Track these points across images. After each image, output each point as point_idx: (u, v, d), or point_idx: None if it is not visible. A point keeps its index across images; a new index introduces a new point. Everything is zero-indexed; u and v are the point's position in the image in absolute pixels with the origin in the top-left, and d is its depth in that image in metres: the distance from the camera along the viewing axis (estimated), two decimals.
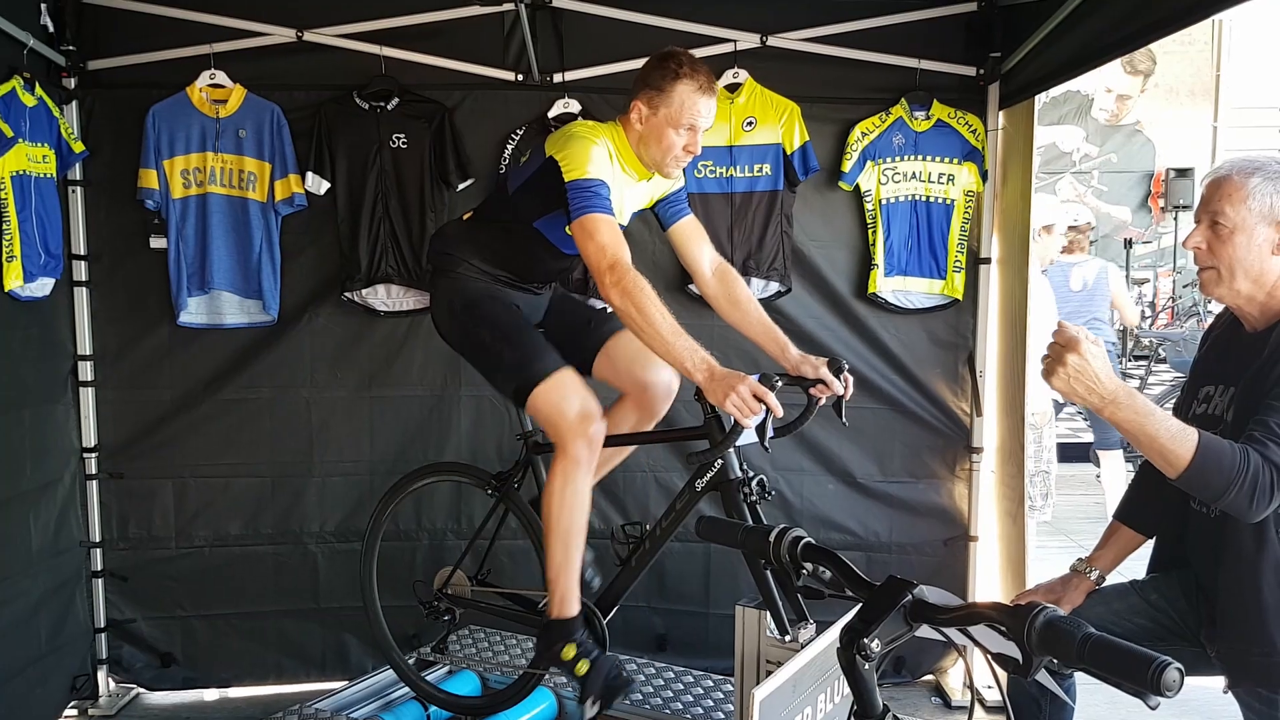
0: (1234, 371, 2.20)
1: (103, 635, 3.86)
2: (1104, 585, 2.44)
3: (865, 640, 1.23)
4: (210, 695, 4.02)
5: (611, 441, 2.97)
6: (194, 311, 3.73)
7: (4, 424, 3.31)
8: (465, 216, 2.97)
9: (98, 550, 3.83)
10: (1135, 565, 2.53)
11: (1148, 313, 13.09)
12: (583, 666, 2.69)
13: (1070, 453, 7.53)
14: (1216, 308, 2.43)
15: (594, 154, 2.58)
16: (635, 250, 2.88)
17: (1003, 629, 1.18)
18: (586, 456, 2.67)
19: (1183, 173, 12.53)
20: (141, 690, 3.98)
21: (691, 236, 2.94)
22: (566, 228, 2.61)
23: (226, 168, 3.66)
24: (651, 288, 2.49)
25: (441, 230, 3.10)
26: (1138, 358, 11.85)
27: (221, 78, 3.62)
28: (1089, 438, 8.13)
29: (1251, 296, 2.16)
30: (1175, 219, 12.72)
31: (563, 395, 2.65)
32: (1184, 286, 13.04)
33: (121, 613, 3.89)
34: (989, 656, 1.22)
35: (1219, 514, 2.17)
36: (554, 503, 2.69)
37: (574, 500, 2.69)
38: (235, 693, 4.02)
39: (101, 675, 3.88)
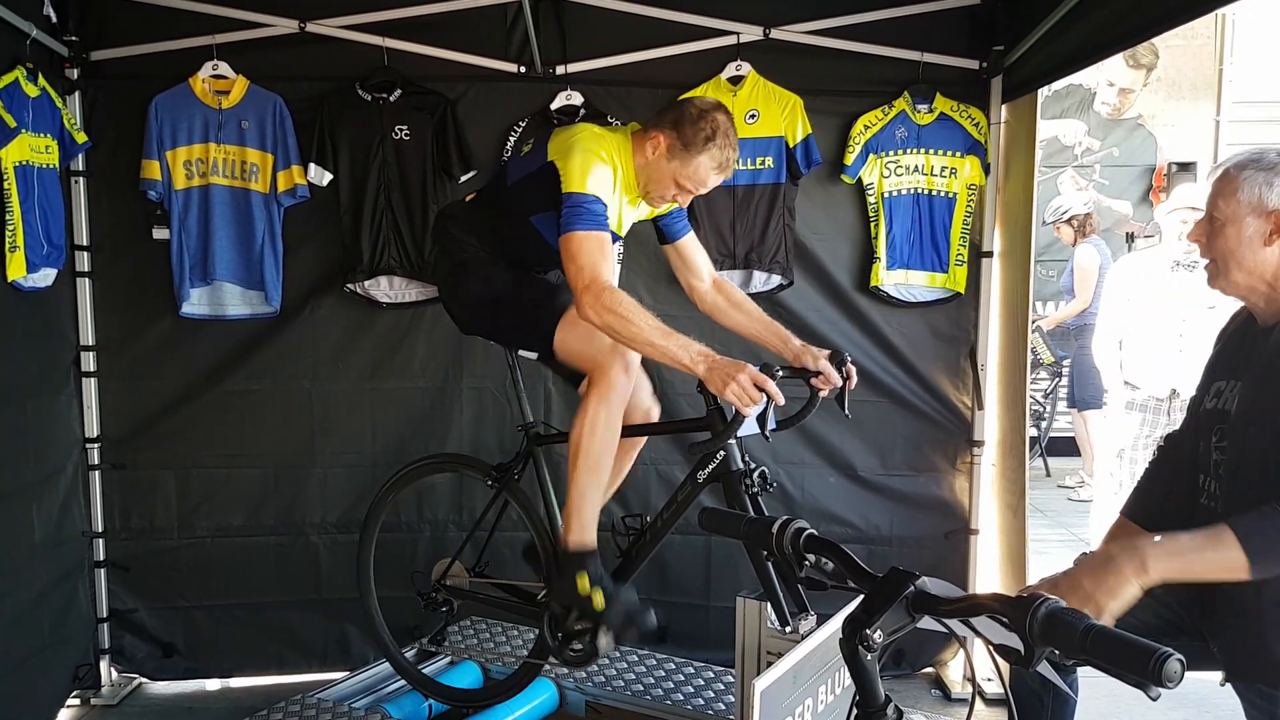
0: (1244, 366, 2.20)
1: (105, 625, 3.88)
2: None
3: (868, 631, 1.24)
4: (212, 685, 4.04)
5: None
6: (196, 303, 3.74)
7: (7, 415, 3.31)
8: (469, 198, 2.96)
9: (100, 541, 3.84)
10: None
11: None
12: (599, 599, 2.64)
13: None
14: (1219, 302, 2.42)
15: (594, 169, 2.55)
16: (635, 238, 2.88)
17: (1005, 620, 1.18)
18: (624, 382, 2.64)
19: (1185, 167, 12.48)
20: (144, 680, 4.00)
21: (695, 251, 2.95)
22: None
23: (229, 159, 3.66)
24: (630, 297, 2.47)
25: (445, 210, 3.10)
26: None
27: (224, 69, 3.62)
28: None
29: (1252, 288, 2.15)
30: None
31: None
32: None
33: (124, 603, 3.90)
34: (991, 647, 1.22)
35: (1223, 507, 2.17)
36: (585, 428, 2.64)
37: (606, 428, 2.65)
38: (237, 683, 4.04)
39: (104, 665, 3.89)
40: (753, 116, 3.70)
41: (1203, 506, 2.29)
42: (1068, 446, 7.73)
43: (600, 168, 2.57)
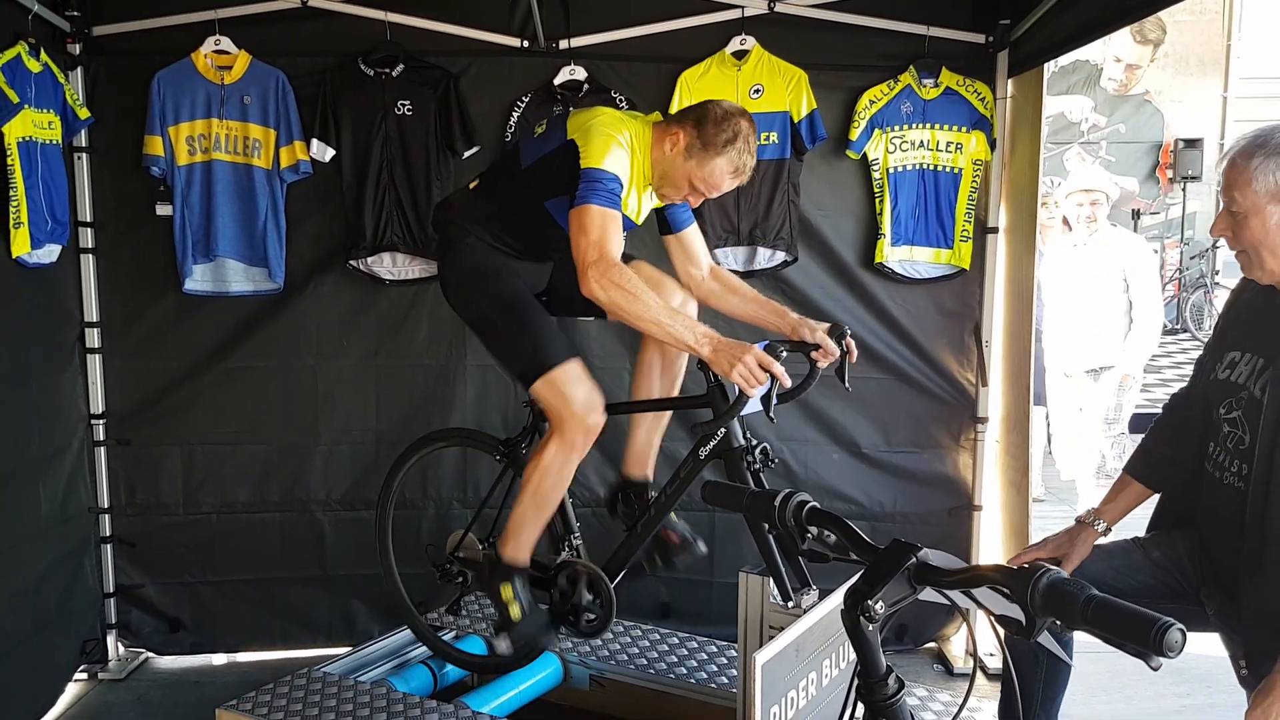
0: (1266, 343, 2.19)
1: (112, 600, 3.90)
2: (1106, 541, 2.46)
3: (869, 602, 1.24)
4: (218, 659, 4.06)
5: (619, 409, 2.99)
6: (199, 279, 3.73)
7: (12, 392, 3.32)
8: (471, 185, 2.94)
9: (106, 516, 3.86)
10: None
11: None
12: (515, 611, 2.81)
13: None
14: (1226, 279, 2.43)
15: (614, 150, 2.54)
16: (644, 224, 2.88)
17: (1006, 591, 1.18)
18: (581, 444, 2.70)
19: (1191, 143, 12.44)
20: (150, 654, 4.02)
21: (695, 242, 2.95)
22: None
23: (231, 135, 3.65)
24: (637, 276, 2.47)
25: (446, 200, 3.07)
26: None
27: (226, 44, 3.61)
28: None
29: None
30: (1184, 190, 12.66)
31: (569, 384, 2.64)
32: (1191, 258, 13.00)
33: (130, 578, 3.92)
34: (992, 618, 1.22)
35: (1243, 482, 2.17)
36: (539, 469, 2.72)
37: (558, 476, 2.73)
38: (243, 657, 4.06)
39: (111, 639, 3.92)
40: (757, 91, 3.68)
41: (1208, 473, 2.29)
42: None
43: (619, 151, 2.55)
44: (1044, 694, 2.41)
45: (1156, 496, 2.51)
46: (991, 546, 3.98)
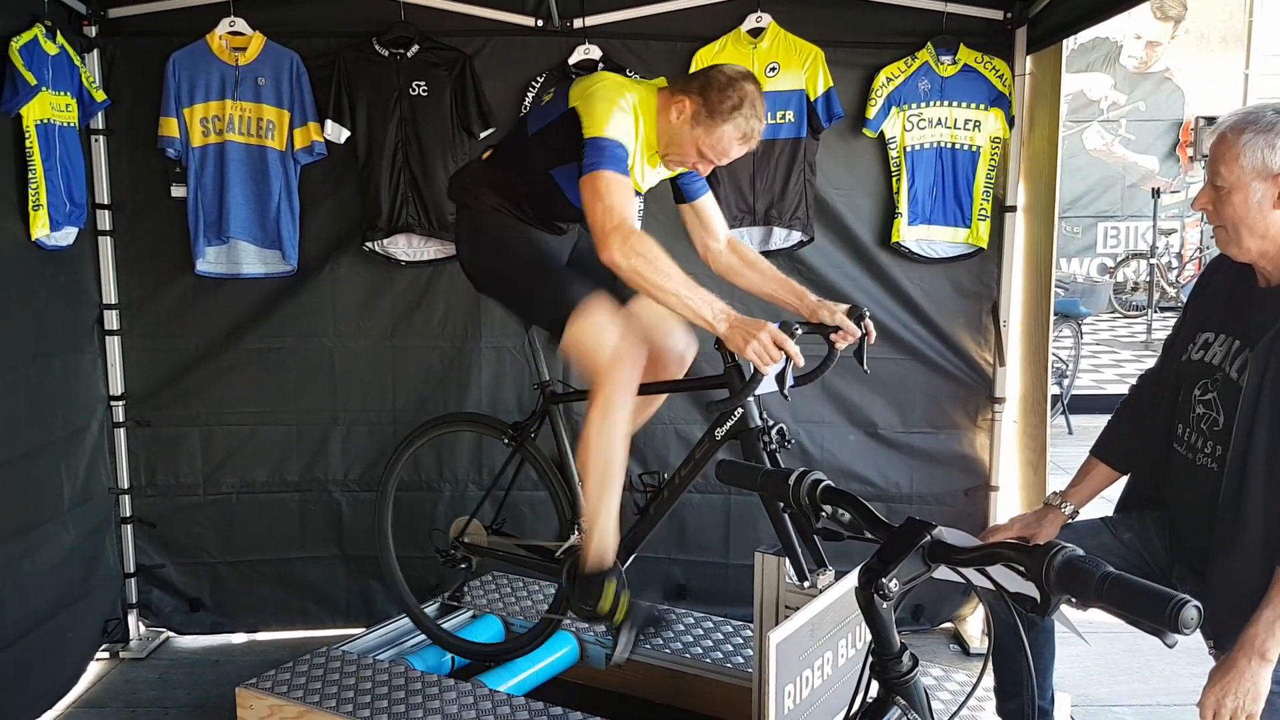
0: (1242, 324, 2.17)
1: (132, 580, 3.94)
2: (1076, 520, 2.46)
3: (884, 580, 1.24)
4: (238, 639, 4.10)
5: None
6: (212, 261, 3.75)
7: (33, 372, 3.35)
8: (485, 156, 2.94)
9: (126, 497, 3.89)
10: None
11: (1175, 263, 12.94)
12: (621, 615, 2.69)
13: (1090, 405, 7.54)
14: None
15: (615, 116, 2.51)
16: (654, 195, 2.86)
17: (1021, 569, 1.18)
18: (621, 399, 2.61)
19: (1212, 121, 12.31)
20: (171, 634, 4.06)
21: (711, 212, 2.91)
22: None
23: (245, 116, 3.65)
24: (658, 245, 2.44)
25: (462, 169, 3.07)
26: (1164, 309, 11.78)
27: (241, 25, 3.61)
28: (1116, 389, 8.13)
29: (1264, 252, 2.12)
30: (1204, 168, 12.57)
31: (599, 324, 2.58)
32: (1211, 237, 12.90)
33: (150, 558, 3.96)
34: (1007, 596, 1.22)
35: (1216, 464, 2.16)
36: (591, 438, 2.62)
37: (611, 435, 2.63)
38: (263, 636, 4.09)
39: (132, 619, 3.96)
40: (773, 69, 3.66)
41: (1177, 454, 2.28)
42: (1090, 404, 7.70)
43: (622, 116, 2.52)
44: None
45: (1124, 477, 2.51)
46: None
